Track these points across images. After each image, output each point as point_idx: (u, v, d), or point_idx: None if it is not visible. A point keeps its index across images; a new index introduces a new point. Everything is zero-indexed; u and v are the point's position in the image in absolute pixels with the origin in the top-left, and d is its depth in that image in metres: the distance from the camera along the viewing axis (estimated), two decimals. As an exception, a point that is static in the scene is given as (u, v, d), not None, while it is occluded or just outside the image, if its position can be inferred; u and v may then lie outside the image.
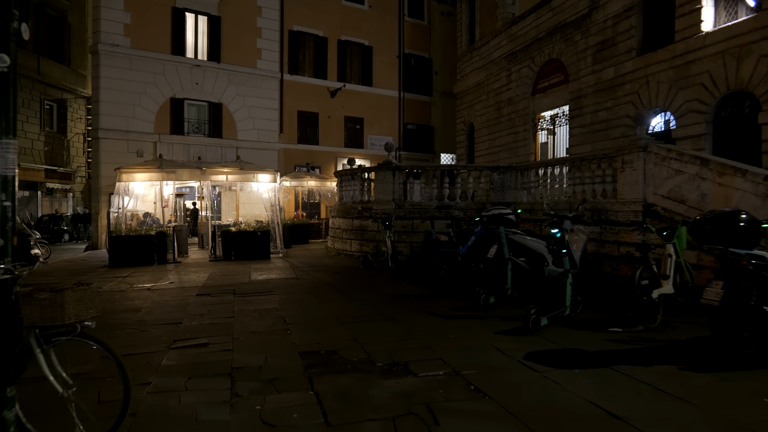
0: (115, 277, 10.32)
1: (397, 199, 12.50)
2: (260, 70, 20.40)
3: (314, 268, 11.27)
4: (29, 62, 23.70)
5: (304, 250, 15.84)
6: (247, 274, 10.42)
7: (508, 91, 19.00)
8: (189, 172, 12.99)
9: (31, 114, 23.98)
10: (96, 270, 11.49)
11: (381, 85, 23.65)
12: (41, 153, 24.58)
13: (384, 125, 23.76)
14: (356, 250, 12.98)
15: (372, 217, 12.51)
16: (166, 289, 8.76)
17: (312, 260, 12.84)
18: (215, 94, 19.62)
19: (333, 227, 14.43)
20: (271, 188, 14.13)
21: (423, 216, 11.97)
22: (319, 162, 21.97)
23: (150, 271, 11.08)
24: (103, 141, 17.53)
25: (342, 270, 10.96)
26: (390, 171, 12.50)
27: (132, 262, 12.08)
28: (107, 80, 17.61)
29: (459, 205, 12.09)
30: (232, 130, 20.00)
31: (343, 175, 14.37)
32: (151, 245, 12.41)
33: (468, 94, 22.14)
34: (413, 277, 9.70)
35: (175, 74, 18.83)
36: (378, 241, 12.48)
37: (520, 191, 11.87)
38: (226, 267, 11.68)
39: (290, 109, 21.41)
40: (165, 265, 12.26)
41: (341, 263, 12.14)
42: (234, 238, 13.05)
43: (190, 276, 10.32)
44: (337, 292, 8.39)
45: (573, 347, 4.92)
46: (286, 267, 11.56)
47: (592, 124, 14.71)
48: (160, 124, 18.62)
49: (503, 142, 19.21)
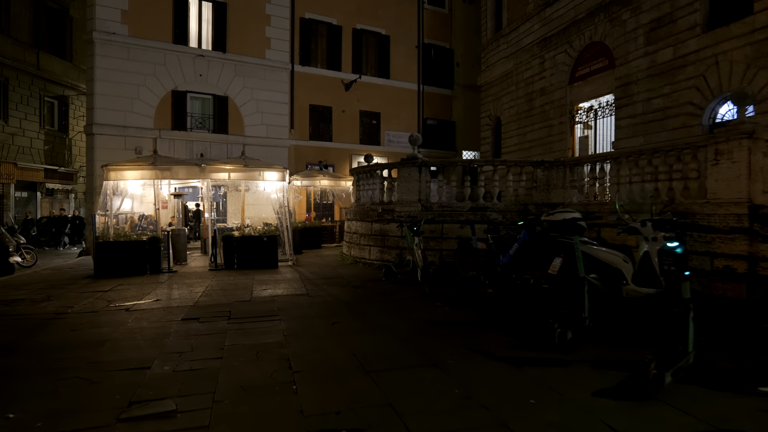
0: (95, 291, 8.76)
1: (423, 199, 10.81)
2: (269, 61, 18.85)
3: (328, 281, 9.61)
4: (28, 56, 22.47)
5: (316, 256, 14.21)
6: (248, 289, 8.79)
7: (540, 81, 17.20)
8: (186, 170, 11.45)
9: (30, 111, 22.73)
10: (77, 282, 9.97)
11: (399, 77, 21.97)
12: (41, 152, 23.32)
13: (402, 120, 22.07)
14: (376, 259, 11.30)
15: (395, 221, 10.84)
16: (149, 309, 7.16)
17: (325, 270, 11.19)
18: (220, 86, 18.10)
19: (349, 231, 12.77)
20: (279, 188, 12.52)
21: (455, 219, 10.26)
22: (332, 160, 20.35)
23: (138, 284, 9.52)
24: (98, 137, 16.09)
25: (361, 284, 9.29)
26: (416, 167, 10.81)
27: (120, 271, 10.55)
28: (102, 71, 16.18)
29: (497, 206, 10.34)
30: (239, 125, 18.47)
31: (361, 173, 12.70)
32: (142, 252, 10.87)
33: (494, 86, 20.36)
34: (449, 296, 7.98)
35: (177, 65, 17.35)
36: (402, 248, 10.79)
37: (569, 190, 10.09)
38: (226, 278, 10.09)
39: (302, 103, 19.82)
40: (158, 275, 10.71)
41: (359, 274, 10.47)
42: (237, 244, 11.47)
43: (182, 290, 8.73)
44: (357, 316, 6.71)
45: (734, 430, 3.17)
46: (295, 279, 9.92)
47: (644, 113, 12.86)
48: (160, 119, 17.15)
49: (535, 136, 17.40)
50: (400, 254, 10.82)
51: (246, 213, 18.20)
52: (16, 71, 21.73)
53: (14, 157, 21.43)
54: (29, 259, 13.24)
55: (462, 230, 10.20)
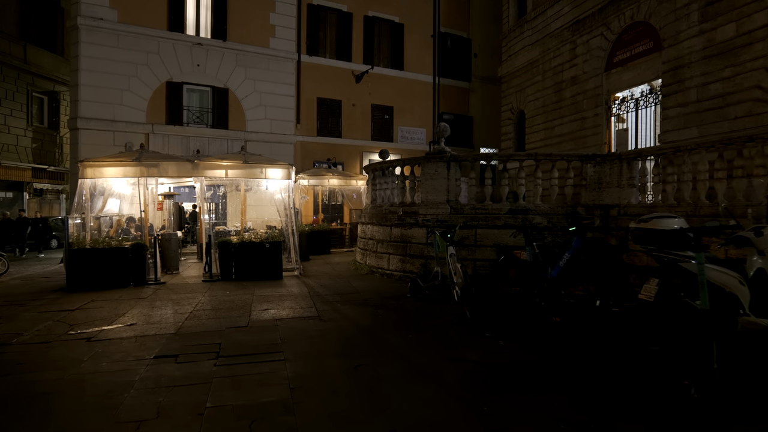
0: (60, 310, 7.21)
1: (453, 200, 9.22)
2: (274, 50, 17.31)
3: (342, 298, 8.02)
4: (14, 50, 21.07)
5: (326, 264, 12.63)
6: (246, 308, 7.22)
7: (571, 69, 15.56)
8: (177, 166, 9.91)
9: (16, 107, 21.31)
10: (44, 296, 8.42)
11: (413, 68, 20.38)
12: (28, 150, 21.90)
13: (416, 115, 20.48)
14: (397, 269, 9.71)
15: (419, 225, 9.25)
16: (116, 339, 5.60)
17: (337, 282, 9.60)
18: (220, 77, 16.58)
19: (363, 237, 11.17)
20: (284, 187, 10.96)
21: (490, 224, 8.65)
22: (341, 157, 18.78)
23: (115, 300, 7.97)
24: (84, 132, 14.60)
25: (382, 302, 7.69)
26: (443, 163, 9.22)
27: (97, 284, 9.02)
28: (89, 60, 14.69)
29: (540, 208, 8.72)
30: (240, 120, 16.94)
31: (377, 170, 11.12)
32: (124, 262, 9.34)
33: (517, 77, 18.73)
34: (495, 321, 6.37)
35: (173, 54, 15.85)
36: (427, 257, 9.20)
37: (625, 189, 8.46)
38: (221, 293, 8.52)
39: (309, 96, 18.27)
40: (142, 288, 9.16)
41: (378, 288, 8.87)
42: (235, 251, 9.91)
43: (164, 310, 7.17)
44: (385, 352, 5.11)
45: None
46: (302, 294, 8.33)
47: (698, 101, 11.21)
48: (153, 113, 15.65)
49: (565, 130, 15.77)
50: (425, 265, 9.23)
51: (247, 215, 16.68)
52: (1, 65, 20.31)
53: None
54: (0, 267, 11.72)
55: (500, 236, 8.60)
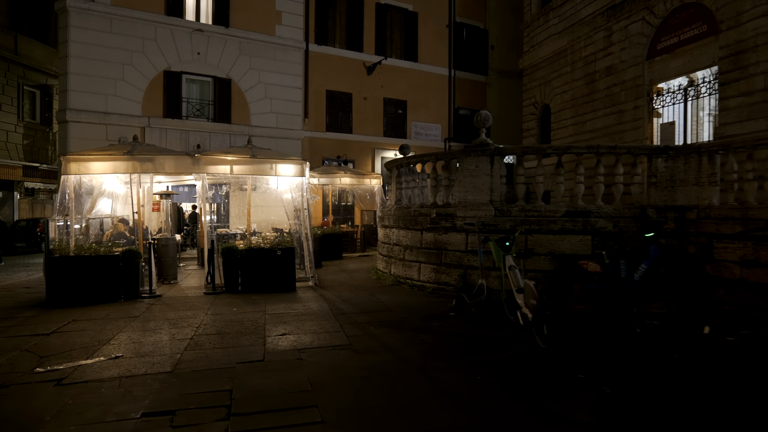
0: (33, 334, 5.88)
1: (497, 200, 7.91)
2: (280, 39, 16.01)
3: (373, 318, 6.70)
4: (4, 40, 19.79)
5: (341, 271, 11.31)
6: (259, 333, 5.90)
7: (606, 58, 14.28)
8: (175, 161, 8.60)
9: (6, 101, 20.00)
10: (17, 314, 7.08)
11: (428, 60, 19.08)
12: (19, 147, 20.58)
13: (431, 110, 19.18)
14: (429, 280, 8.39)
15: (456, 229, 7.94)
16: (95, 383, 4.28)
17: (361, 295, 8.28)
18: (222, 67, 15.27)
19: (387, 242, 9.85)
20: (297, 185, 9.65)
21: (544, 228, 7.35)
22: (352, 154, 17.47)
23: (101, 319, 6.65)
24: (73, 125, 13.26)
25: (423, 323, 6.38)
26: (486, 157, 7.91)
27: (83, 298, 7.71)
28: (79, 46, 13.36)
29: (603, 210, 7.40)
30: (244, 113, 15.62)
31: (402, 166, 9.80)
32: (115, 271, 8.02)
33: (540, 68, 17.45)
34: (578, 353, 5.06)
35: (171, 41, 14.53)
36: (467, 267, 7.89)
37: (707, 188, 7.15)
38: (226, 309, 7.20)
39: (317, 88, 16.95)
40: (134, 302, 7.84)
41: (411, 304, 7.56)
42: (242, 259, 8.59)
43: (159, 335, 5.84)
44: (458, 410, 3.79)
45: None
46: (324, 312, 7.01)
47: (766, 89, 9.93)
48: (150, 105, 14.32)
49: (599, 125, 14.48)
50: (465, 276, 7.92)
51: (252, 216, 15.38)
52: (-16, 55, 19.03)
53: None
54: (-21, 275, 10.41)
55: (556, 243, 7.29)
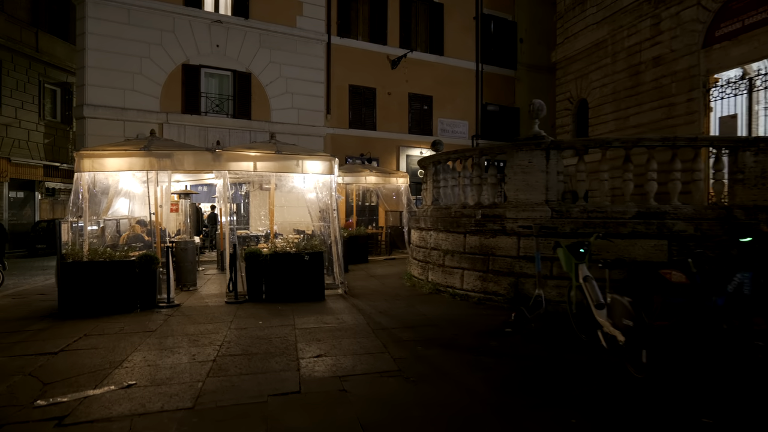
0: (39, 353, 5.19)
1: (554, 200, 7.03)
2: (301, 31, 15.29)
3: (418, 334, 5.87)
4: (25, 36, 19.38)
5: (369, 277, 10.52)
6: (290, 353, 5.11)
7: (653, 48, 13.25)
8: (194, 157, 7.89)
9: (27, 99, 19.59)
10: (26, 327, 6.42)
11: (454, 54, 18.20)
12: (40, 146, 20.19)
13: (458, 105, 18.30)
14: (474, 289, 7.54)
15: (506, 232, 7.08)
16: (101, 422, 3.53)
17: (398, 306, 7.46)
18: (242, 60, 14.60)
19: (423, 246, 9.01)
20: (324, 183, 8.88)
21: (612, 231, 6.44)
22: (376, 152, 16.67)
23: (114, 334, 5.95)
24: (90, 121, 12.70)
25: (477, 341, 5.54)
26: (541, 151, 7.04)
27: (97, 307, 7.05)
28: (96, 39, 12.80)
29: (682, 210, 6.47)
30: (264, 109, 14.93)
31: (439, 162, 8.96)
32: (131, 278, 7.33)
33: (576, 61, 16.44)
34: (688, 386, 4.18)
35: (189, 33, 13.90)
36: (519, 275, 7.03)
37: (800, 186, 6.18)
38: (251, 322, 6.44)
39: (340, 83, 16.20)
40: (151, 313, 7.14)
41: (457, 316, 6.72)
42: (266, 265, 7.84)
43: (178, 354, 5.10)
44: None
45: None
46: (361, 327, 6.21)
47: None
48: (168, 100, 13.71)
49: (645, 120, 13.45)
50: (516, 285, 7.05)
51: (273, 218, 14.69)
52: (11, 52, 18.63)
53: (8, 151, 18.32)
54: (-8, 279, 9.86)
55: (626, 249, 6.39)
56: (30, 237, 17.59)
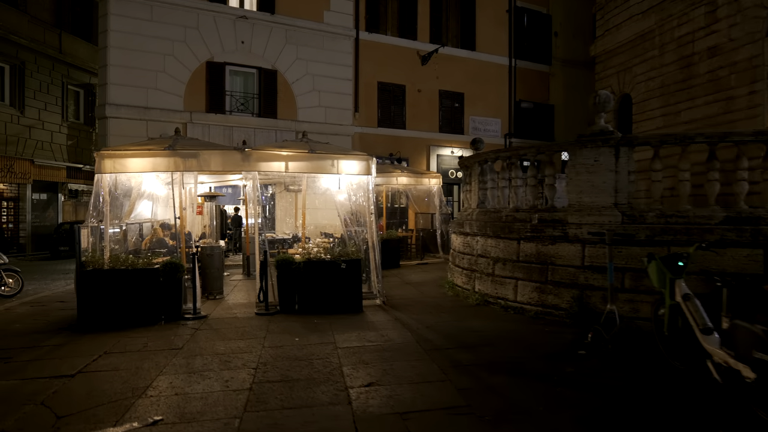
0: (54, 376, 4.62)
1: (624, 203, 6.23)
2: (328, 26, 14.69)
3: (475, 355, 5.15)
4: (48, 37, 19.21)
5: (405, 284, 9.83)
6: (336, 379, 4.44)
7: (708, 37, 12.28)
8: (222, 157, 7.31)
9: (51, 100, 19.42)
10: (45, 340, 5.89)
11: (486, 48, 17.41)
12: (63, 148, 20.02)
13: (490, 103, 17.49)
14: (530, 301, 6.78)
15: (569, 239, 6.31)
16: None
17: (445, 319, 6.75)
18: (268, 57, 14.06)
19: (468, 252, 8.27)
20: (359, 184, 8.22)
21: (695, 238, 5.61)
22: (405, 152, 15.97)
23: (138, 351, 5.37)
24: (113, 121, 12.29)
25: (547, 365, 4.79)
26: (609, 148, 6.27)
27: (118, 320, 6.51)
28: (118, 36, 12.39)
29: (779, 215, 5.62)
30: (290, 107, 14.36)
31: (486, 162, 8.21)
32: (154, 287, 6.76)
33: (618, 54, 15.51)
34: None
35: (214, 29, 13.42)
36: (585, 287, 6.25)
37: None
38: (286, 339, 5.80)
39: (368, 80, 15.56)
40: (176, 326, 6.56)
41: (515, 333, 5.97)
42: (300, 274, 7.21)
43: (209, 380, 4.47)
44: None
45: None
46: (410, 346, 5.51)
47: None
48: (192, 99, 13.24)
49: (699, 115, 12.48)
50: (580, 298, 6.27)
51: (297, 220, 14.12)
52: (35, 54, 18.45)
53: (31, 153, 18.13)
54: (12, 285, 9.43)
55: (714, 259, 5.56)
56: (53, 239, 17.38)
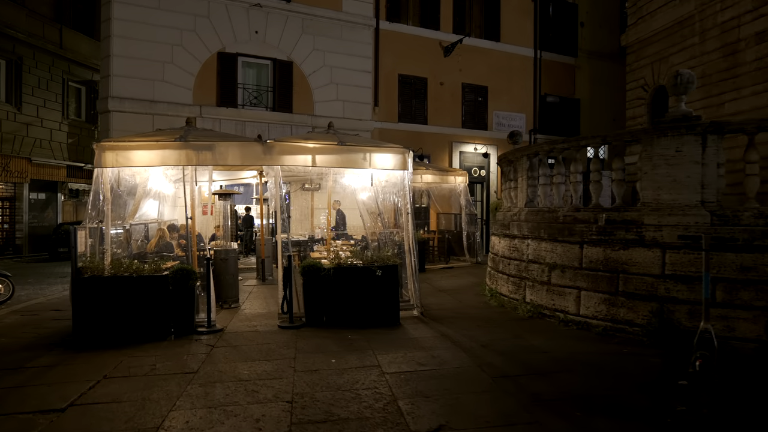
0: (40, 411, 3.76)
1: (712, 201, 5.32)
2: (347, 15, 13.82)
3: (553, 385, 4.25)
4: (48, 32, 18.46)
5: (437, 291, 8.93)
6: (395, 419, 3.54)
7: (756, 21, 11.33)
8: (240, 150, 6.42)
9: (50, 97, 18.66)
10: (34, 358, 5.02)
11: (511, 39, 16.49)
12: (63, 146, 19.25)
13: (514, 97, 16.56)
14: (596, 315, 5.87)
15: (645, 243, 5.40)
16: None
17: (498, 335, 5.85)
18: (283, 48, 13.20)
19: (513, 257, 7.35)
20: (397, 180, 7.34)
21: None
22: (427, 149, 15.07)
23: (144, 375, 4.52)
24: (116, 116, 11.45)
25: (648, 400, 3.91)
26: (694, 135, 5.34)
27: (120, 334, 5.68)
28: (122, 25, 11.56)
29: None
30: (307, 101, 13.49)
31: (536, 155, 7.29)
32: (163, 297, 5.90)
33: (653, 43, 14.56)
34: None
35: (226, 17, 12.57)
36: (666, 300, 5.34)
37: None
38: (320, 360, 4.91)
39: (388, 72, 14.67)
40: (189, 342, 5.70)
41: (587, 354, 5.06)
42: (329, 281, 6.32)
43: (234, 419, 3.58)
44: None
45: None
46: (470, 370, 4.61)
47: None
48: (202, 92, 12.39)
49: (745, 107, 11.53)
50: (661, 312, 5.35)
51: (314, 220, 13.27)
52: (33, 49, 17.70)
53: (29, 151, 17.35)
54: (1, 291, 8.60)
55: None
56: (51, 240, 16.65)
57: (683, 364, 4.48)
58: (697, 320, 5.13)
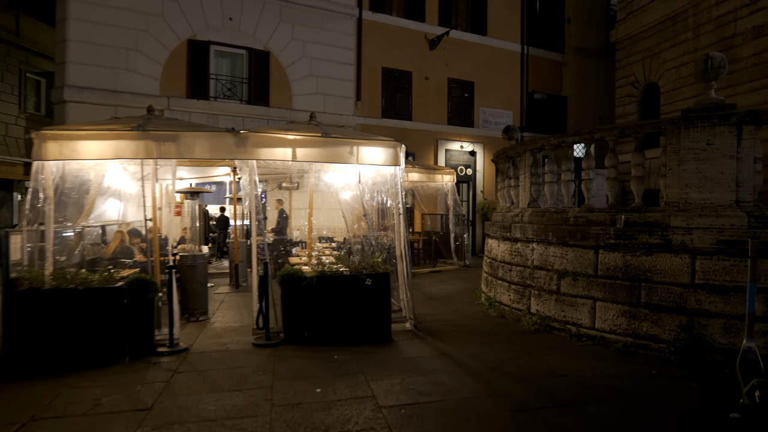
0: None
1: (748, 200, 4.71)
2: (328, 3, 12.98)
3: (588, 423, 3.55)
4: (3, 20, 17.14)
5: (428, 298, 8.20)
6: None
7: (753, 15, 10.97)
8: (209, 140, 5.55)
9: (6, 89, 17.34)
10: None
11: (498, 33, 15.90)
12: (20, 142, 17.87)
13: (501, 93, 15.99)
14: (614, 329, 5.21)
15: (672, 249, 4.76)
16: None
17: (505, 352, 5.14)
18: (259, 37, 12.29)
19: (516, 263, 6.66)
20: (387, 177, 6.60)
21: None
22: (411, 146, 14.31)
23: (83, 415, 3.64)
24: (72, 106, 10.39)
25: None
26: (728, 126, 4.73)
27: (62, 358, 4.79)
28: (80, 7, 10.53)
29: None
30: (285, 94, 12.61)
31: (541, 150, 6.62)
32: (116, 312, 5.01)
33: (644, 39, 14.15)
34: None
35: (197, 2, 11.62)
36: (696, 313, 4.71)
37: None
38: (303, 391, 4.11)
39: (372, 65, 13.89)
40: (146, 366, 4.82)
41: (611, 377, 4.40)
42: (311, 292, 5.52)
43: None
44: None
45: None
46: (481, 400, 3.88)
47: None
48: (170, 82, 11.40)
49: (741, 104, 10.99)
50: (691, 327, 4.72)
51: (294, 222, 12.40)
52: (-21, 35, 16.37)
53: (-25, 148, 16.02)
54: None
55: None
56: (4, 243, 15.26)
57: (728, 391, 3.87)
58: (732, 336, 4.53)
